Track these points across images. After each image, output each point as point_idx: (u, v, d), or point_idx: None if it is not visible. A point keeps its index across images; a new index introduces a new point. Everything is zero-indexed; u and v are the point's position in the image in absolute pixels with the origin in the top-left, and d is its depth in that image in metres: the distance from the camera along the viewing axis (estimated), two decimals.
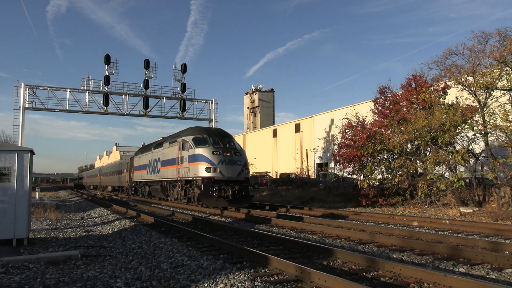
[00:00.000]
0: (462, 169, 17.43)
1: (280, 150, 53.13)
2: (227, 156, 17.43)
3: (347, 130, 22.12)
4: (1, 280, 5.78)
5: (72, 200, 29.40)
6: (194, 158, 17.88)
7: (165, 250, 7.95)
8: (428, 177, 16.25)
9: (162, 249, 8.09)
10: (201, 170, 17.17)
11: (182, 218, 14.76)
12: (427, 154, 17.69)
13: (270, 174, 47.09)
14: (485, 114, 16.17)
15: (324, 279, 5.13)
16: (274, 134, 55.14)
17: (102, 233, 11.22)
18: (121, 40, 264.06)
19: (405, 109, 19.12)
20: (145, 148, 29.36)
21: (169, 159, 21.51)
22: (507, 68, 15.48)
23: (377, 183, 21.75)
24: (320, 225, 11.72)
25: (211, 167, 17.00)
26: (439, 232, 10.51)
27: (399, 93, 20.31)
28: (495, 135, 15.85)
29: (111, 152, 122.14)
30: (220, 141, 18.42)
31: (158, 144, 24.90)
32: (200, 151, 17.65)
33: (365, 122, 21.62)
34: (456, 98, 17.14)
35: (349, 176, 25.19)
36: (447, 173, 17.30)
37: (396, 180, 18.44)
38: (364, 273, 5.91)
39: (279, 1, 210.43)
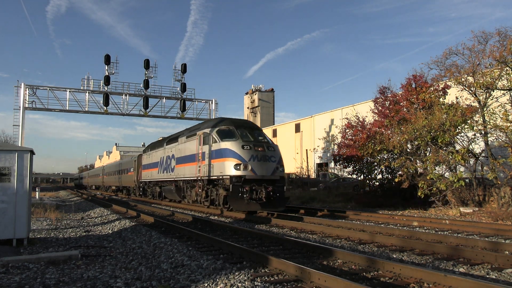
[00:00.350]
0: (462, 169, 17.43)
1: (280, 150, 53.06)
2: (259, 151, 15.08)
3: (347, 130, 22.18)
4: (1, 280, 5.79)
5: (72, 200, 29.40)
6: (219, 154, 15.48)
7: (165, 250, 7.95)
8: (428, 177, 16.25)
9: (162, 249, 8.09)
10: (229, 168, 14.80)
11: (182, 218, 14.76)
12: (427, 154, 17.69)
13: None
14: (485, 114, 16.16)
15: (324, 279, 5.13)
16: (274, 134, 55.14)
17: (102, 233, 11.22)
18: (121, 40, 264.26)
19: (405, 109, 19.12)
20: (155, 144, 26.84)
21: (186, 156, 19.12)
22: (507, 68, 15.47)
23: (377, 183, 21.81)
24: (320, 225, 11.72)
25: (240, 164, 14.61)
26: (439, 232, 10.52)
27: (399, 93, 20.32)
28: (495, 135, 15.84)
29: (111, 152, 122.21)
30: (250, 134, 16.11)
31: (172, 139, 22.40)
32: (227, 145, 15.21)
33: (365, 122, 21.66)
34: (456, 98, 17.13)
35: (349, 176, 25.21)
36: (447, 173, 17.29)
37: (396, 180, 18.43)
38: (364, 273, 5.91)
39: (279, 1, 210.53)
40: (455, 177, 15.30)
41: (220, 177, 15.36)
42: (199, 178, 17.26)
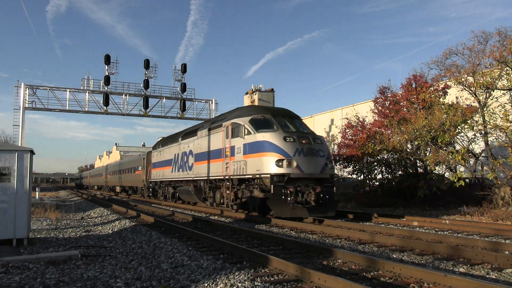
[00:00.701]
0: (462, 169, 17.43)
1: None
2: (304, 144, 12.57)
3: (347, 130, 22.19)
4: (1, 280, 5.79)
5: (72, 200, 29.41)
6: (255, 148, 12.96)
7: (165, 250, 7.95)
8: (428, 177, 16.25)
9: (162, 249, 8.09)
10: (269, 164, 12.25)
11: (182, 218, 14.77)
12: (427, 154, 17.69)
13: None
14: (485, 114, 16.16)
15: (324, 279, 5.13)
16: None
17: (102, 233, 11.22)
18: (121, 40, 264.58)
19: (405, 109, 19.12)
20: (167, 140, 24.18)
21: (208, 151, 16.72)
22: (507, 68, 15.46)
23: (377, 183, 21.82)
24: (320, 225, 11.71)
25: (283, 160, 12.12)
26: (439, 232, 10.51)
27: (399, 93, 20.31)
28: (495, 135, 15.83)
29: (111, 152, 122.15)
30: (290, 124, 13.69)
31: (189, 133, 19.71)
32: (266, 136, 12.66)
33: (365, 122, 21.66)
34: (456, 98, 17.14)
35: (349, 176, 25.21)
36: (447, 173, 17.29)
37: (396, 180, 18.42)
38: (364, 273, 5.91)
39: (279, 1, 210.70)
40: (455, 177, 15.30)
41: (257, 175, 12.84)
42: (227, 177, 14.59)
